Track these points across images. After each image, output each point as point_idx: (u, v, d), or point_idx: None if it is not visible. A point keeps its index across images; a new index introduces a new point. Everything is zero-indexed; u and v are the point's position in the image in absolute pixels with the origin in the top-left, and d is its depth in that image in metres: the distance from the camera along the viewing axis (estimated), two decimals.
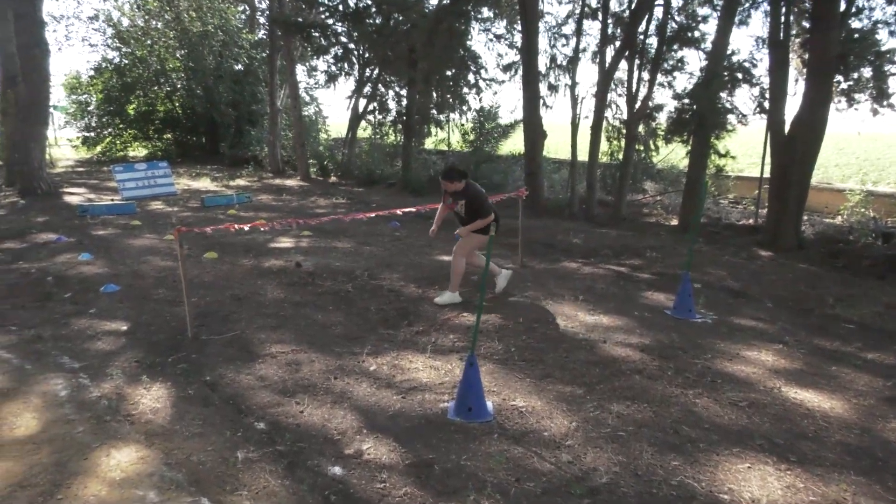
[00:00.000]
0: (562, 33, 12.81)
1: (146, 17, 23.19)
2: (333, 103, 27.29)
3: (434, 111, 16.03)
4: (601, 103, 10.76)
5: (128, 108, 23.40)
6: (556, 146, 17.77)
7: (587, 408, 3.86)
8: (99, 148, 23.74)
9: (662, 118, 11.21)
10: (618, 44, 11.04)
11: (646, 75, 10.87)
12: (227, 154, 22.38)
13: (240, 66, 23.65)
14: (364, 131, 19.75)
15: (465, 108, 16.43)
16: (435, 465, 3.20)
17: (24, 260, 7.59)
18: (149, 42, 22.96)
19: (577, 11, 11.76)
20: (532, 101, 11.64)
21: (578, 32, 11.17)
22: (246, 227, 5.12)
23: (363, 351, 4.77)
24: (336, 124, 26.28)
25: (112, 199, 12.94)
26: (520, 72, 13.62)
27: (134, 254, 8.03)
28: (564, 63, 12.87)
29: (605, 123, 11.81)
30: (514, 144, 16.76)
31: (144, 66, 22.87)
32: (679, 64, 10.80)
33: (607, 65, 10.66)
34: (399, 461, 3.22)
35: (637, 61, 11.13)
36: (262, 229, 4.93)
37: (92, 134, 23.53)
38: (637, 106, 10.50)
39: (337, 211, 12.20)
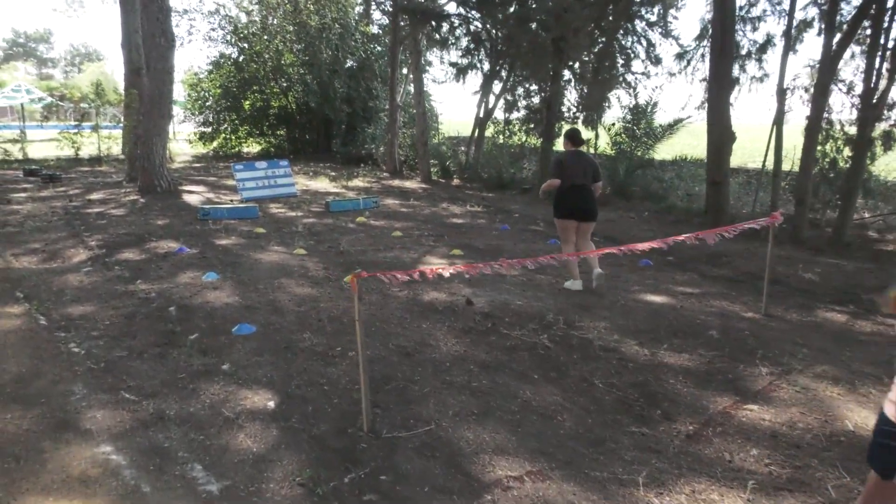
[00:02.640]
0: (750, 16, 10.59)
1: (265, 11, 22.59)
2: (445, 100, 26.03)
3: (577, 109, 14.15)
4: (821, 97, 8.54)
5: (244, 104, 22.95)
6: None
7: None
8: (215, 143, 23.46)
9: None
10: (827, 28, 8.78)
11: (873, 64, 8.52)
12: (341, 152, 21.42)
13: (352, 63, 22.59)
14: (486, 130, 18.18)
15: (609, 105, 14.47)
16: None
17: (143, 279, 6.41)
18: (265, 37, 22.34)
19: None
20: (721, 96, 9.56)
21: (791, 12, 8.95)
22: (446, 273, 3.50)
23: (637, 477, 3.05)
24: (449, 122, 24.91)
25: (231, 201, 11.97)
26: (693, 62, 11.57)
27: (264, 274, 6.71)
28: (753, 51, 10.67)
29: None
30: (670, 149, 14.60)
31: (261, 62, 22.28)
32: None
33: (833, 47, 8.42)
34: None
35: (859, 47, 8.85)
36: (467, 275, 3.28)
37: (209, 129, 23.26)
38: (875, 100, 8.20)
39: (477, 221, 10.60)
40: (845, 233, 8.49)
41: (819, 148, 10.09)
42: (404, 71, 20.41)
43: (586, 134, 14.03)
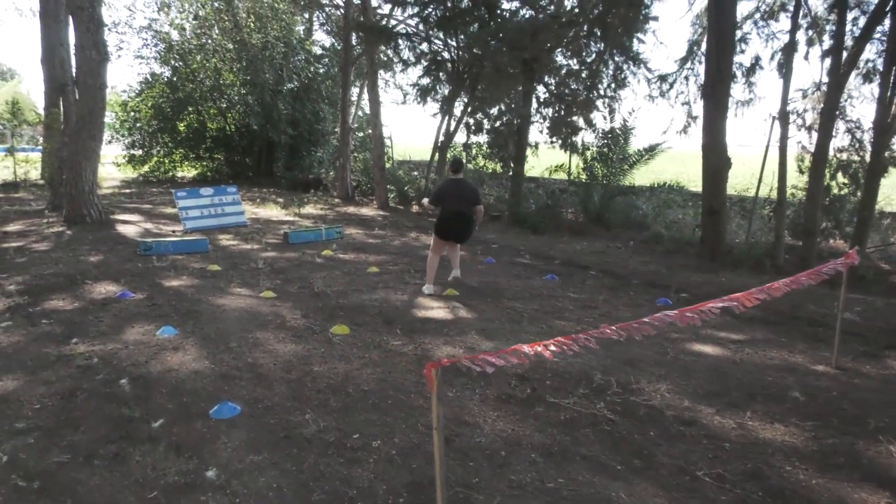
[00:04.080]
0: (735, 38, 10.19)
1: (200, 28, 21.06)
2: (391, 123, 25.12)
3: (548, 132, 13.44)
4: (829, 122, 8.10)
5: (178, 125, 21.31)
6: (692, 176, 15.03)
7: None
8: (146, 167, 21.69)
9: None
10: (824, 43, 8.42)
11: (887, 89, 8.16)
12: (286, 177, 20.14)
13: (296, 84, 21.30)
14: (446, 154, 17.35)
15: (584, 129, 13.82)
16: None
17: (81, 336, 5.13)
18: (199, 56, 20.83)
19: None
20: (718, 120, 9.04)
21: (793, 31, 8.50)
22: (547, 353, 2.54)
23: None
24: (399, 146, 23.96)
25: (174, 232, 10.63)
26: (677, 84, 11.11)
27: (233, 326, 5.53)
28: (739, 74, 10.27)
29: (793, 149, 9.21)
30: (648, 174, 14.10)
31: (198, 82, 20.76)
32: None
33: (842, 67, 8.00)
34: None
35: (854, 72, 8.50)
36: (569, 351, 2.28)
37: (139, 152, 21.46)
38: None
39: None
40: (860, 265, 8.01)
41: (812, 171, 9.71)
42: (354, 91, 19.43)
43: (562, 157, 13.41)
